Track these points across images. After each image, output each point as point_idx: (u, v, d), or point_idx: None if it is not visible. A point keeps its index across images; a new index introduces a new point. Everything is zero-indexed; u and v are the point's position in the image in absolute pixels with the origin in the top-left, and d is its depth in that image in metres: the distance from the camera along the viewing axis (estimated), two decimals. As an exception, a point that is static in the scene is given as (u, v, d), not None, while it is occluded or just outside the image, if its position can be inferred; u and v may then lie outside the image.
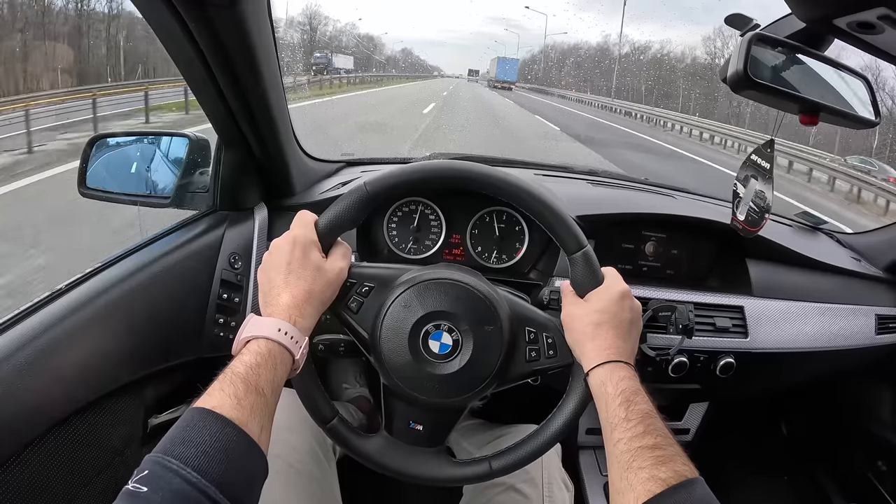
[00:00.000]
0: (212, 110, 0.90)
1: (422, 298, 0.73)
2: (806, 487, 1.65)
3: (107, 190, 1.04)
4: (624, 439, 0.62)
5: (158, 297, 0.94)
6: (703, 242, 1.24)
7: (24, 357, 0.75)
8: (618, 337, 0.71)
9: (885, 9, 0.59)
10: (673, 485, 0.56)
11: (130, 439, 0.99)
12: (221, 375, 0.59)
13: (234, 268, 1.01)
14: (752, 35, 0.80)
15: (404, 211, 1.12)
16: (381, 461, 0.78)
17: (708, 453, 1.40)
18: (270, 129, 0.94)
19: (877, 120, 0.90)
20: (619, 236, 1.20)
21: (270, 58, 0.85)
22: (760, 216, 0.98)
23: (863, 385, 1.51)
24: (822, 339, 1.20)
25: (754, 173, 0.99)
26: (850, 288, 1.30)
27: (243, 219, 1.04)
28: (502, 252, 1.14)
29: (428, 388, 0.74)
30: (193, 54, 0.76)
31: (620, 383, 0.67)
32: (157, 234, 1.01)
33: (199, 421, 0.53)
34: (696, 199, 1.44)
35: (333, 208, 0.73)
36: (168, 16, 0.69)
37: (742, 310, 1.14)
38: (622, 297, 0.73)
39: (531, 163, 1.50)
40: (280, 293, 0.67)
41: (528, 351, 0.76)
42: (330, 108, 14.30)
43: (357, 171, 1.28)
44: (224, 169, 1.01)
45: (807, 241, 1.40)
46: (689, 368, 1.07)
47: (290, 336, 0.64)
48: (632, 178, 1.58)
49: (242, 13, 0.72)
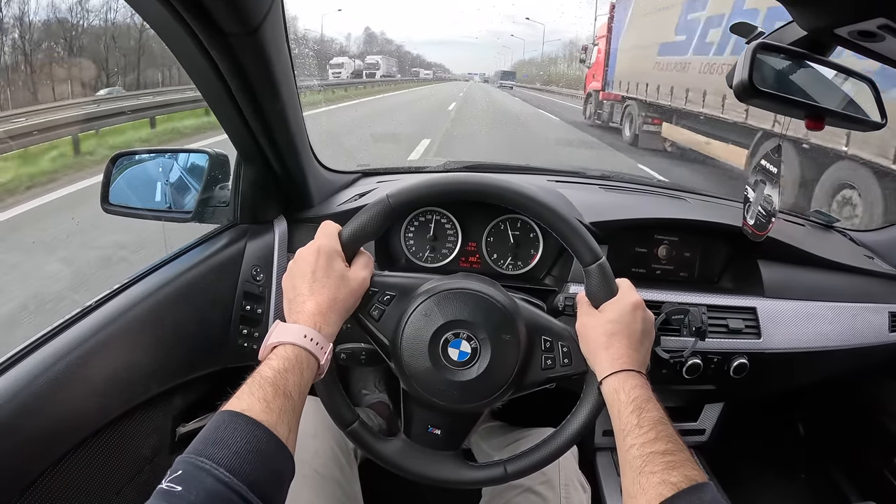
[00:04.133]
0: (231, 129, 0.92)
1: (442, 308, 0.76)
2: (822, 486, 1.65)
3: (130, 206, 1.07)
4: (636, 445, 0.64)
5: (184, 310, 0.97)
6: (714, 244, 1.25)
7: (59, 371, 0.79)
8: (630, 347, 0.73)
9: (885, 19, 0.60)
10: (683, 489, 0.58)
11: (159, 447, 1.03)
12: (250, 379, 0.61)
13: (255, 280, 1.04)
14: (757, 44, 0.81)
15: (421, 220, 1.15)
16: (400, 463, 0.80)
17: (725, 453, 1.41)
18: (288, 146, 0.96)
19: (883, 122, 0.90)
20: (632, 240, 1.22)
21: (288, 79, 0.88)
22: (767, 220, 1.00)
23: (878, 382, 1.51)
24: (836, 339, 1.21)
25: (763, 178, 1.01)
26: (862, 286, 1.30)
27: (263, 231, 1.07)
28: (517, 259, 1.16)
29: (447, 394, 0.76)
30: (214, 77, 0.79)
31: (632, 391, 0.69)
32: (181, 248, 1.04)
33: (230, 423, 0.55)
34: (708, 201, 1.45)
35: (357, 219, 0.76)
36: (189, 43, 0.71)
37: (755, 311, 1.15)
38: (635, 309, 0.75)
39: (545, 169, 1.51)
40: (305, 301, 0.69)
41: (543, 359, 0.78)
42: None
43: (373, 182, 1.30)
44: (244, 184, 1.03)
45: (819, 240, 1.40)
46: (703, 370, 1.08)
47: (315, 342, 0.66)
48: (644, 180, 1.59)
49: (262, 40, 0.74)
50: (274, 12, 0.74)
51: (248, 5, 0.68)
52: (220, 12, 0.66)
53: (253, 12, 0.69)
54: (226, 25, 0.68)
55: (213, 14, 0.66)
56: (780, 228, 1.04)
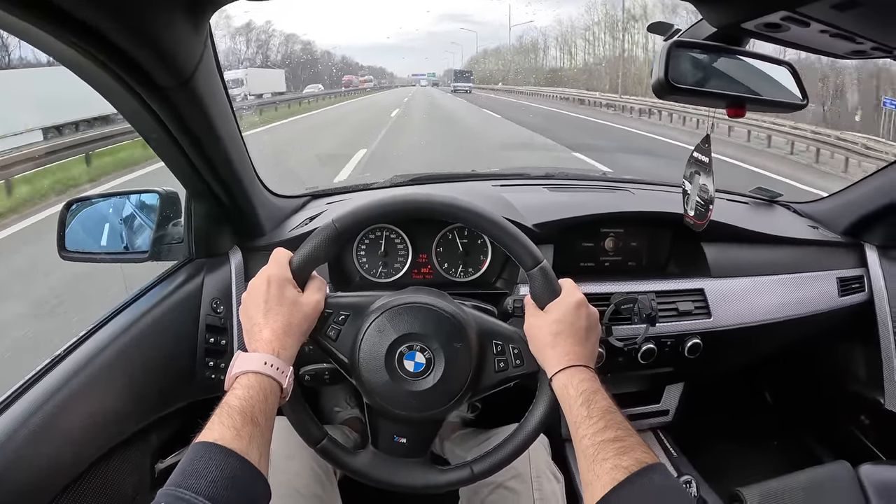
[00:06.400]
0: (177, 170, 0.94)
1: (394, 323, 0.79)
2: (795, 451, 1.71)
3: (87, 251, 1.08)
4: (588, 435, 0.67)
5: (150, 350, 0.99)
6: (659, 232, 1.30)
7: (36, 423, 0.80)
8: (576, 343, 0.76)
9: (785, 11, 0.64)
10: (635, 471, 0.61)
11: (140, 485, 1.05)
12: (218, 409, 0.64)
13: (216, 312, 1.06)
14: (671, 42, 0.84)
15: (371, 238, 1.17)
16: (371, 474, 0.83)
17: (694, 430, 1.46)
18: (234, 179, 0.98)
19: (804, 102, 0.94)
20: (578, 236, 1.25)
21: (227, 118, 0.90)
22: (706, 208, 1.03)
23: (836, 346, 1.57)
24: (787, 309, 1.26)
25: (697, 169, 1.04)
26: (809, 256, 1.35)
27: (220, 264, 1.09)
28: (468, 266, 1.19)
29: (407, 405, 0.79)
30: (156, 125, 0.80)
31: (580, 385, 0.72)
32: (141, 289, 1.05)
33: (205, 454, 0.59)
34: (652, 189, 1.49)
35: (305, 246, 0.79)
36: (129, 98, 0.73)
37: (703, 292, 1.20)
38: (578, 307, 0.79)
39: (490, 174, 1.54)
40: (261, 329, 0.73)
41: (496, 362, 0.81)
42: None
43: (323, 204, 1.32)
44: (196, 219, 1.05)
45: (763, 216, 1.45)
46: (658, 354, 1.13)
47: (275, 367, 0.70)
48: (587, 175, 1.63)
49: (197, 89, 0.76)
50: (205, 60, 0.75)
51: (179, 59, 0.70)
52: (153, 68, 0.67)
53: (184, 65, 0.71)
54: (160, 80, 0.70)
55: (146, 70, 0.67)
56: (721, 209, 1.08)
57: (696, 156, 1.04)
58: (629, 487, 0.61)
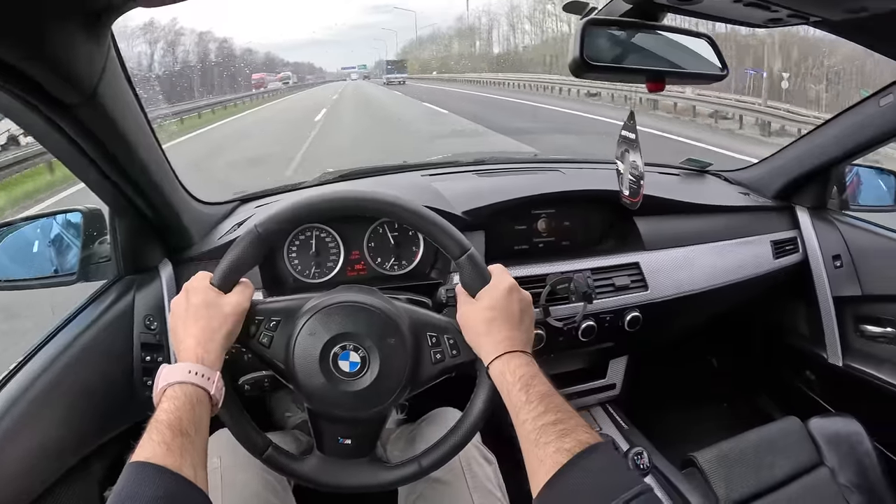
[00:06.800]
0: (96, 187, 0.90)
1: (325, 324, 0.78)
2: (746, 410, 1.77)
3: (13, 279, 1.04)
4: (528, 420, 0.67)
5: (85, 376, 0.95)
6: (592, 210, 1.31)
7: None
8: (511, 329, 0.76)
9: None
10: (577, 452, 0.61)
11: None
12: (148, 426, 0.63)
13: (150, 329, 1.02)
14: (585, 21, 0.85)
15: (301, 239, 1.15)
16: (319, 479, 0.83)
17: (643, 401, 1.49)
18: (156, 191, 0.95)
19: (724, 73, 0.96)
20: (510, 220, 1.26)
21: (142, 128, 0.86)
22: (638, 185, 1.05)
23: (777, 307, 1.63)
24: (723, 275, 1.30)
25: (626, 147, 1.06)
26: (741, 222, 1.39)
27: (151, 279, 1.05)
28: (401, 258, 1.18)
29: (346, 405, 0.79)
30: (67, 144, 0.77)
31: (517, 370, 0.72)
32: (71, 313, 1.01)
33: (137, 474, 0.57)
34: (584, 168, 1.51)
35: (229, 254, 0.78)
36: (35, 118, 0.70)
37: (638, 265, 1.22)
38: (510, 292, 0.79)
39: (420, 164, 1.53)
40: (184, 339, 0.72)
41: (433, 354, 0.81)
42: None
43: (251, 208, 1.29)
44: (121, 235, 1.01)
45: (694, 187, 1.49)
46: (598, 330, 1.14)
47: (200, 374, 0.69)
48: (519, 158, 1.64)
49: (103, 102, 0.73)
50: (110, 71, 0.72)
51: (81, 73, 0.66)
52: (53, 86, 0.64)
53: (87, 79, 0.68)
54: (63, 97, 0.67)
55: (47, 88, 0.64)
56: (653, 182, 1.10)
57: (624, 133, 1.06)
58: (572, 469, 0.61)
